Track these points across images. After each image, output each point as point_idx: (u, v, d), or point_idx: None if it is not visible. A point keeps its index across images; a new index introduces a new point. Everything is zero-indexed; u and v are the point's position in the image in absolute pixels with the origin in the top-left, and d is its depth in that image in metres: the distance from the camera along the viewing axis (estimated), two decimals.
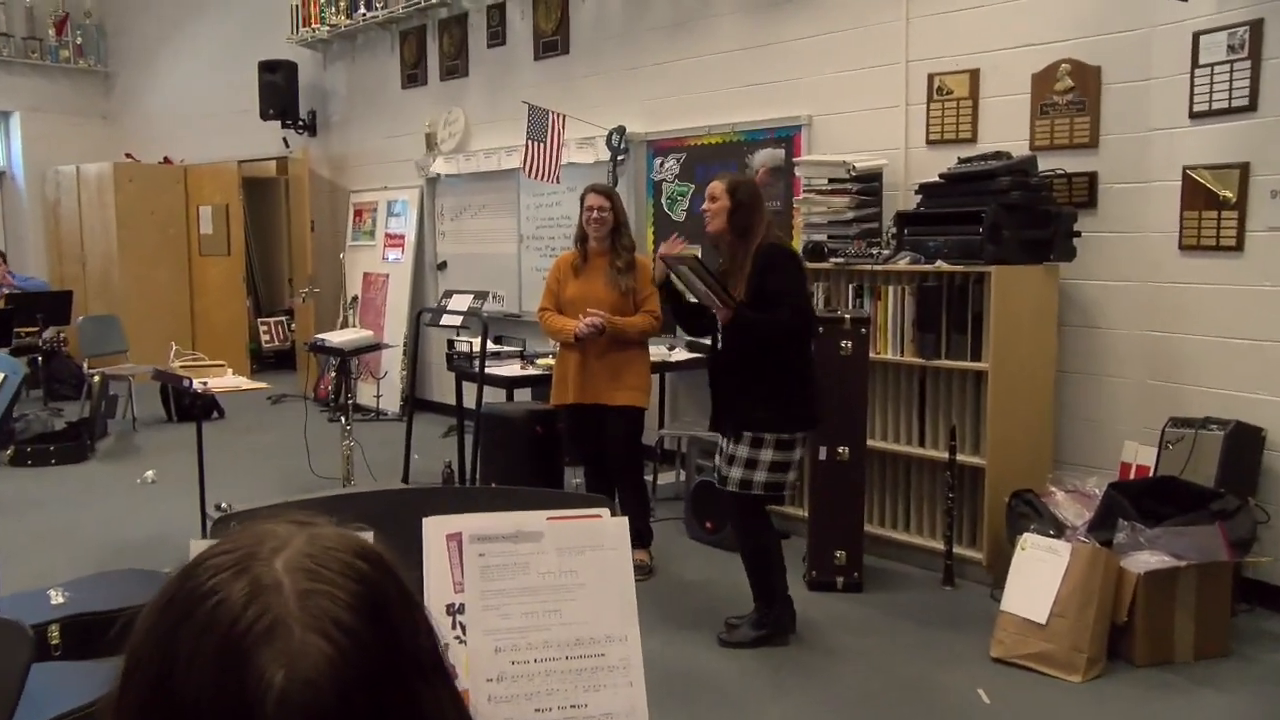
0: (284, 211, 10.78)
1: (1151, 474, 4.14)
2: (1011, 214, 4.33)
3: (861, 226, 4.98)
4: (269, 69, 9.16)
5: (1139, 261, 4.48)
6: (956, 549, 4.44)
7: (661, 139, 6.42)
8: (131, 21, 11.38)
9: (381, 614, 0.66)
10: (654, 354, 5.06)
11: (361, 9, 8.48)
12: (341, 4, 8.67)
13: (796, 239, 5.24)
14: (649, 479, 5.44)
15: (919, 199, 4.74)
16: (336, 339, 6.03)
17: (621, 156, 6.41)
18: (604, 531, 1.50)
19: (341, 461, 5.67)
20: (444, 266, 8.35)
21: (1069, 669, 3.52)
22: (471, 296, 6.96)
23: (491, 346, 5.67)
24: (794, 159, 5.57)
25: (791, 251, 3.93)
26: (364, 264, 8.98)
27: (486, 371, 5.44)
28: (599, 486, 4.59)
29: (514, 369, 5.63)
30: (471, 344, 5.63)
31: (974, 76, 4.92)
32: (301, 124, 9.42)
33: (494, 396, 5.53)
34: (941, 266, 4.43)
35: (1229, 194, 4.12)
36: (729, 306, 3.66)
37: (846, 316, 4.41)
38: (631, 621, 1.47)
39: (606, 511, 1.51)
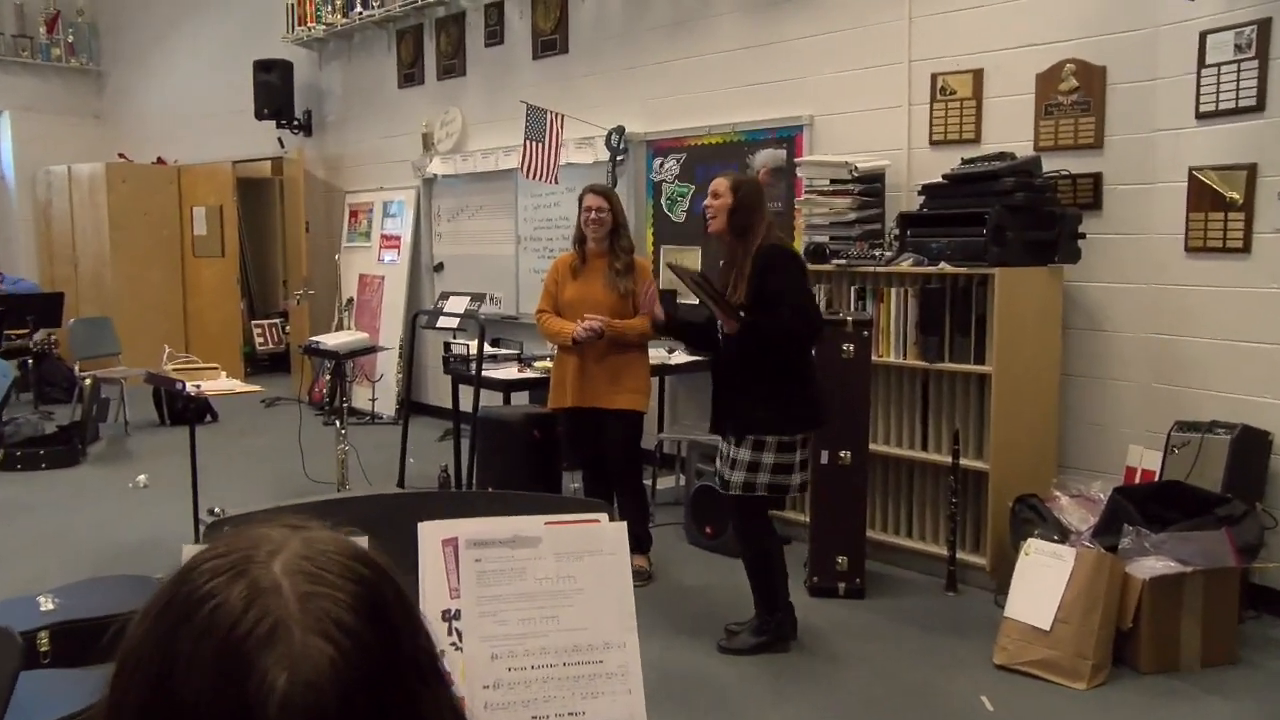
0: (279, 212, 10.73)
1: (1157, 478, 4.12)
2: (1015, 215, 4.31)
3: (864, 228, 4.96)
4: (264, 68, 9.12)
5: (1144, 263, 4.46)
6: (959, 554, 4.42)
7: (661, 139, 6.38)
8: (124, 19, 11.34)
9: (382, 615, 0.66)
10: (654, 357, 5.03)
11: (358, 7, 8.43)
12: (338, 3, 8.62)
13: (798, 240, 5.21)
14: (648, 484, 5.41)
15: (922, 200, 4.72)
16: (331, 341, 5.99)
17: (621, 157, 6.38)
18: (602, 536, 1.50)
19: (336, 466, 5.64)
20: (440, 268, 8.32)
21: (1073, 676, 3.50)
22: (468, 298, 6.96)
23: (488, 349, 5.66)
24: (795, 159, 5.54)
25: (793, 252, 3.90)
26: (359, 265, 8.94)
27: (483, 374, 5.42)
28: (597, 491, 4.56)
29: (511, 372, 5.61)
30: (468, 346, 5.61)
31: (977, 76, 4.89)
32: (297, 124, 9.37)
33: (491, 400, 5.50)
34: (945, 268, 4.41)
35: (1236, 195, 4.09)
36: (734, 320, 3.64)
37: (848, 319, 4.39)
38: (630, 628, 1.47)
39: (605, 516, 1.52)
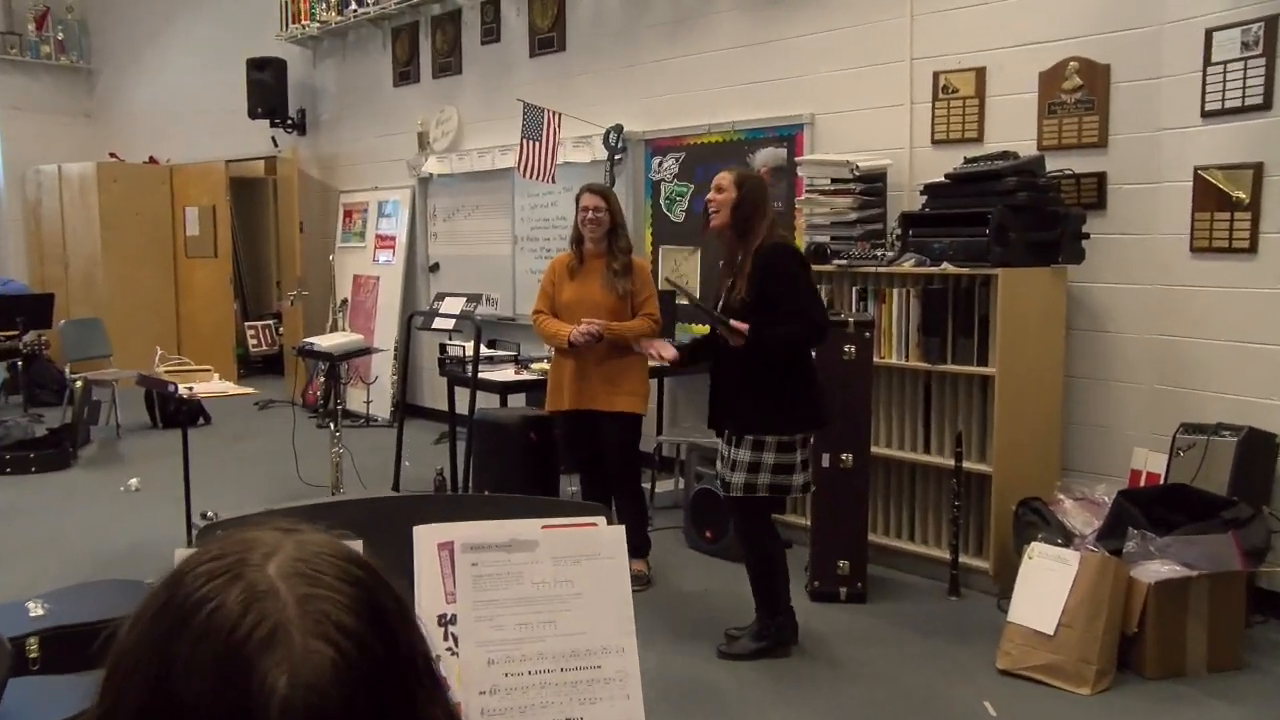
0: (272, 212, 10.69)
1: (1162, 481, 4.11)
2: (1018, 215, 4.28)
3: (865, 228, 4.94)
4: (257, 66, 9.07)
5: (1149, 264, 4.43)
6: (962, 558, 4.40)
7: (660, 138, 6.35)
8: (115, 17, 11.29)
9: (380, 617, 0.66)
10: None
11: (352, 5, 8.39)
12: (332, 0, 8.56)
13: (799, 240, 5.17)
14: (647, 487, 5.39)
15: (924, 200, 4.70)
16: (325, 343, 5.94)
17: (619, 156, 6.35)
18: (600, 540, 1.49)
19: (330, 469, 5.61)
20: (436, 269, 8.28)
21: (1077, 681, 3.48)
22: (464, 299, 6.92)
23: (485, 351, 5.61)
24: (796, 158, 5.52)
25: (795, 251, 3.87)
26: (354, 266, 8.89)
27: (479, 376, 5.38)
28: (595, 494, 4.53)
29: (508, 374, 5.57)
30: (464, 348, 5.59)
31: (980, 75, 4.86)
32: (290, 123, 9.33)
33: (487, 402, 5.47)
34: (947, 269, 4.39)
35: (1242, 195, 4.06)
36: (740, 338, 3.59)
37: (850, 320, 4.37)
38: (629, 633, 1.46)
39: (603, 520, 1.51)
